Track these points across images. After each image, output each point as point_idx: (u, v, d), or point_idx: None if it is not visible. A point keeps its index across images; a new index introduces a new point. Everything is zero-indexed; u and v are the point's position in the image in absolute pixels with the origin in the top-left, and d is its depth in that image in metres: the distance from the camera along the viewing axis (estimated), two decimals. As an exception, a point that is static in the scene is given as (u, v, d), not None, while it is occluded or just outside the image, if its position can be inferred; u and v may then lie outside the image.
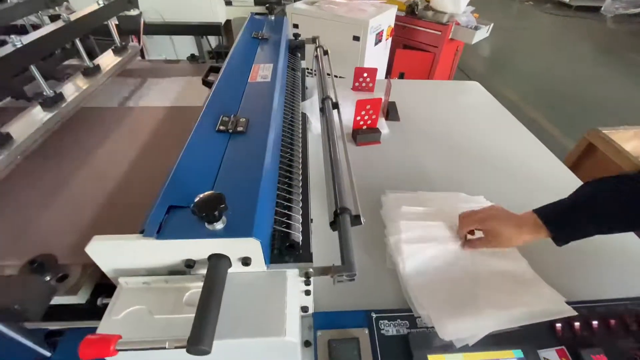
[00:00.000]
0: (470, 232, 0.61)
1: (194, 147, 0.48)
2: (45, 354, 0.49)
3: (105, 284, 0.43)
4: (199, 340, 0.30)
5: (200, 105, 0.61)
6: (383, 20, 1.90)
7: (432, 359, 0.47)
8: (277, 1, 2.08)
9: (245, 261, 0.38)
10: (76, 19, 0.82)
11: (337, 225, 0.48)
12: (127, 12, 1.07)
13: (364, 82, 1.11)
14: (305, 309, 0.50)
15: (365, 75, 1.09)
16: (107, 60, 0.96)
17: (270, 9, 1.07)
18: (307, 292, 0.46)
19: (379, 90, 1.11)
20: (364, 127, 0.94)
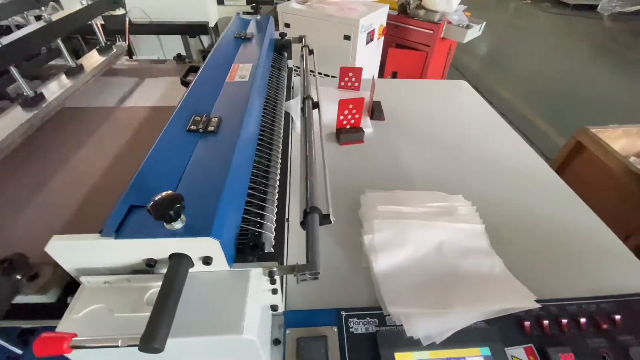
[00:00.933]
0: None
1: (161, 147, 0.49)
2: (17, 352, 0.49)
3: (77, 283, 0.43)
4: (151, 339, 0.30)
5: (181, 105, 0.61)
6: (374, 19, 1.90)
7: (399, 356, 0.47)
8: (268, 1, 2.08)
9: (207, 260, 0.39)
10: (58, 19, 0.82)
11: (305, 224, 0.48)
12: (113, 12, 1.08)
13: (350, 82, 1.11)
14: (275, 308, 0.50)
15: (350, 74, 1.09)
16: (91, 60, 0.97)
17: (255, 9, 1.07)
18: (274, 291, 0.46)
19: (366, 89, 1.12)
20: (348, 127, 0.95)
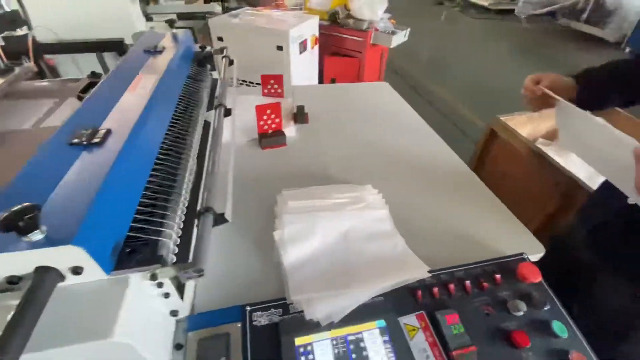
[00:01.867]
0: None
1: (36, 163, 0.47)
2: None
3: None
4: (2, 354, 0.29)
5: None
6: (305, 29, 1.97)
7: (300, 340, 0.49)
8: (199, 15, 2.09)
9: (76, 270, 0.38)
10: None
11: (198, 224, 0.49)
12: (14, 32, 1.02)
13: (273, 88, 1.14)
14: (174, 313, 0.50)
15: (272, 81, 1.13)
16: (-12, 83, 0.91)
17: (170, 22, 1.07)
18: (165, 295, 0.46)
19: (291, 94, 1.16)
20: (270, 132, 0.97)
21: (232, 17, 2.03)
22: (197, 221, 0.51)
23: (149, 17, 2.01)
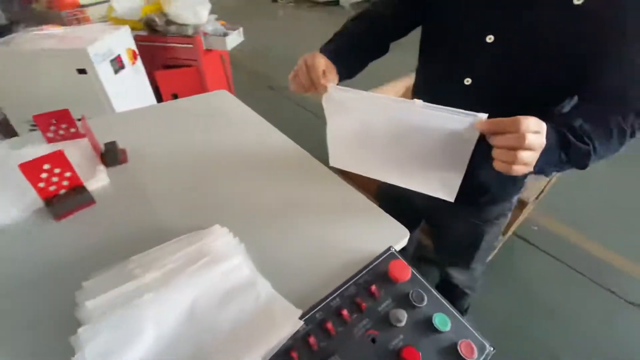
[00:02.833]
0: None
1: None
2: None
3: None
4: None
5: None
6: (113, 44, 1.61)
7: None
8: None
9: None
10: None
11: None
12: None
13: (60, 130, 0.83)
14: None
15: (54, 121, 0.82)
16: None
17: None
18: None
19: (97, 130, 0.86)
20: (61, 192, 0.69)
21: (4, 44, 1.49)
22: None
23: None
